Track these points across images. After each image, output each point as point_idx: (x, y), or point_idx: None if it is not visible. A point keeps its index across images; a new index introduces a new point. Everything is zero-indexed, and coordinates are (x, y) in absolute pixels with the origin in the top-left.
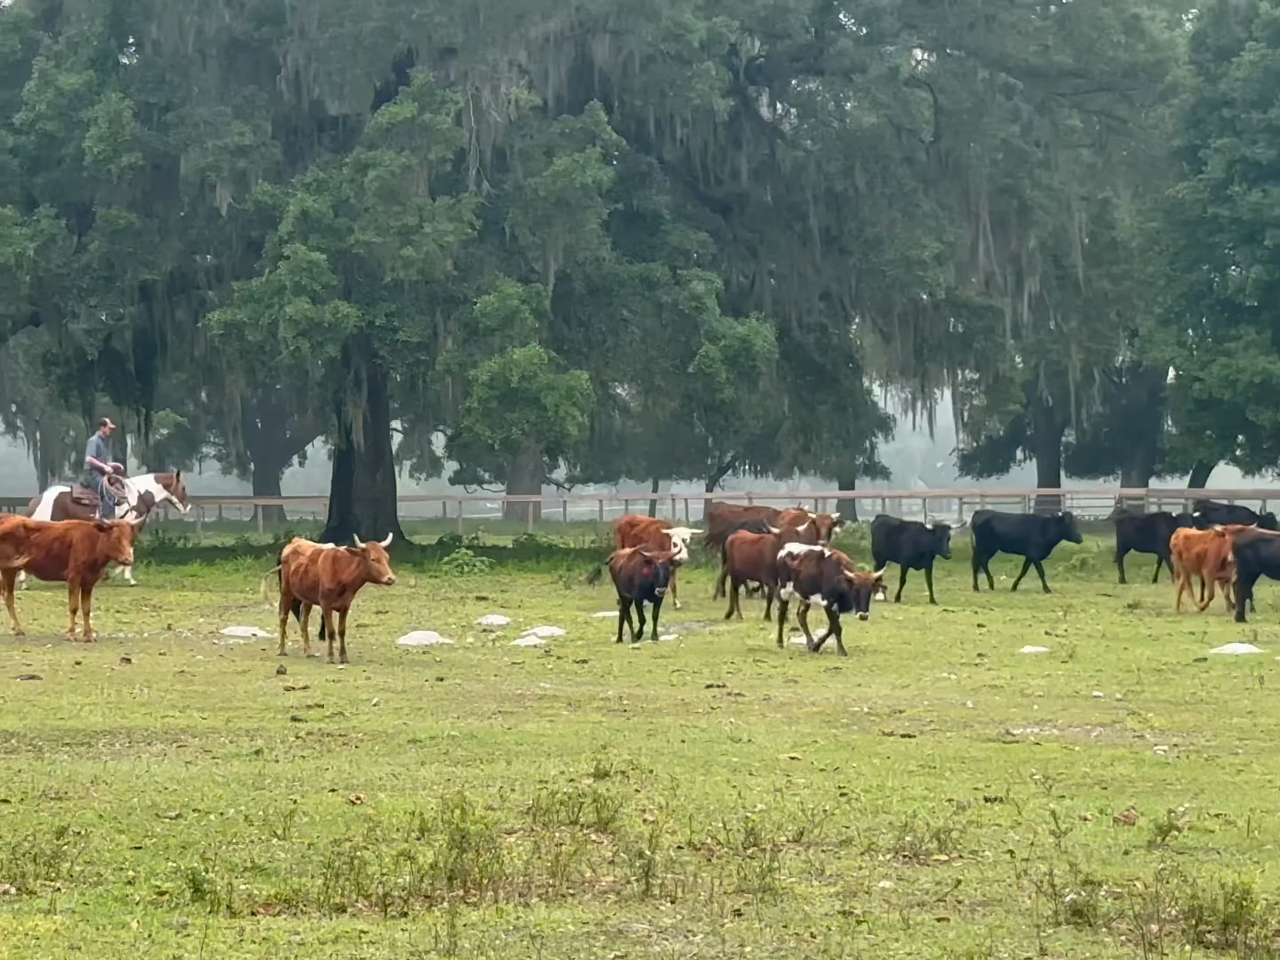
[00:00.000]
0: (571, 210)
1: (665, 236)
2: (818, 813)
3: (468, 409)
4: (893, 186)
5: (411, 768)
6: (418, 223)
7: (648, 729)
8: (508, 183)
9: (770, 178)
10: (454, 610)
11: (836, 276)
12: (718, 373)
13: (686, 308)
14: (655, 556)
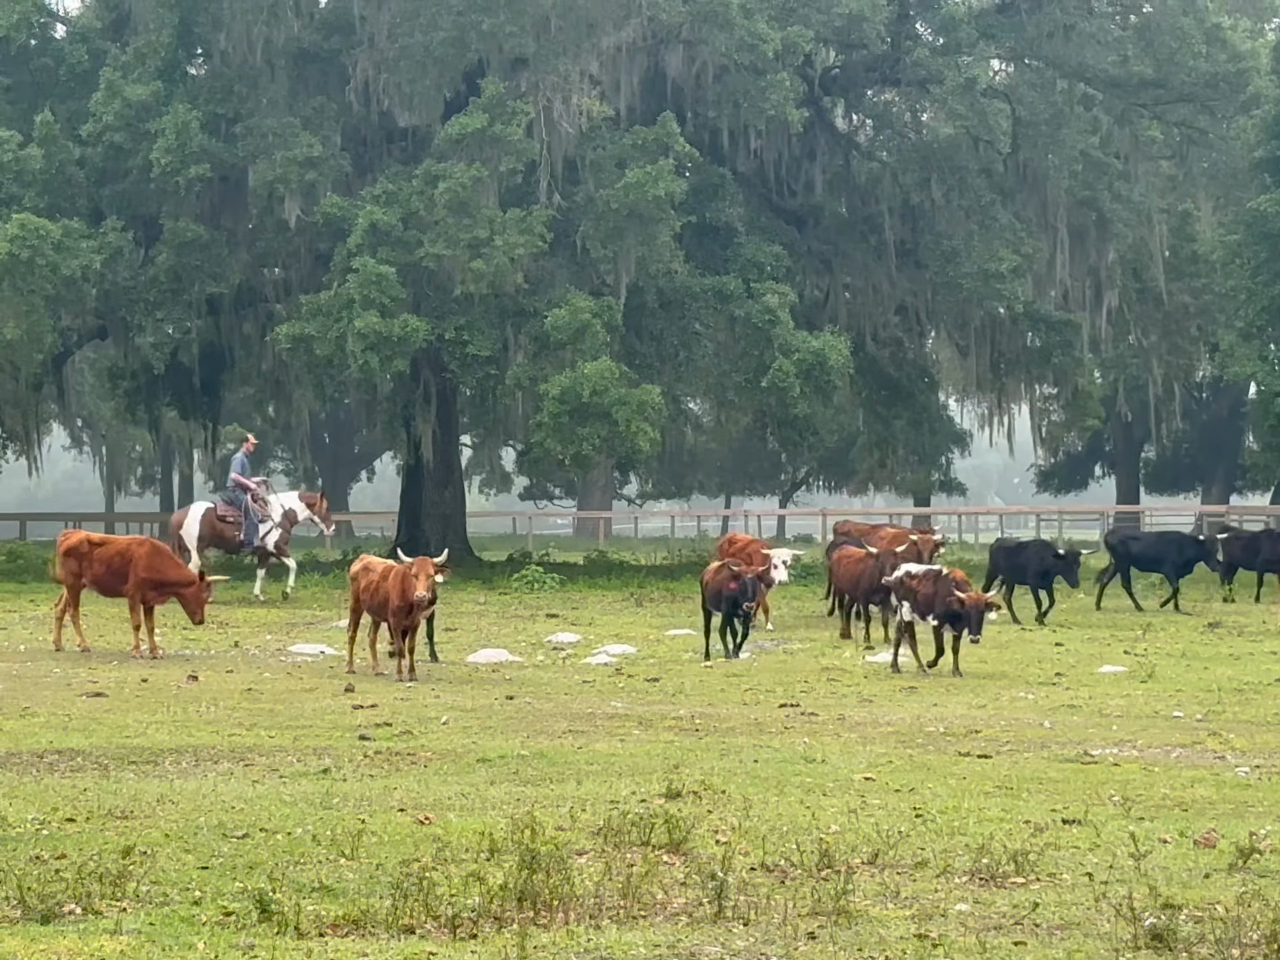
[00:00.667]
0: (643, 222)
1: (738, 249)
2: (893, 834)
3: (538, 424)
4: (969, 198)
5: (481, 787)
6: (488, 235)
7: (720, 749)
8: (579, 195)
9: (845, 190)
10: (524, 628)
11: (912, 290)
12: (791, 387)
13: (760, 321)
14: (742, 570)
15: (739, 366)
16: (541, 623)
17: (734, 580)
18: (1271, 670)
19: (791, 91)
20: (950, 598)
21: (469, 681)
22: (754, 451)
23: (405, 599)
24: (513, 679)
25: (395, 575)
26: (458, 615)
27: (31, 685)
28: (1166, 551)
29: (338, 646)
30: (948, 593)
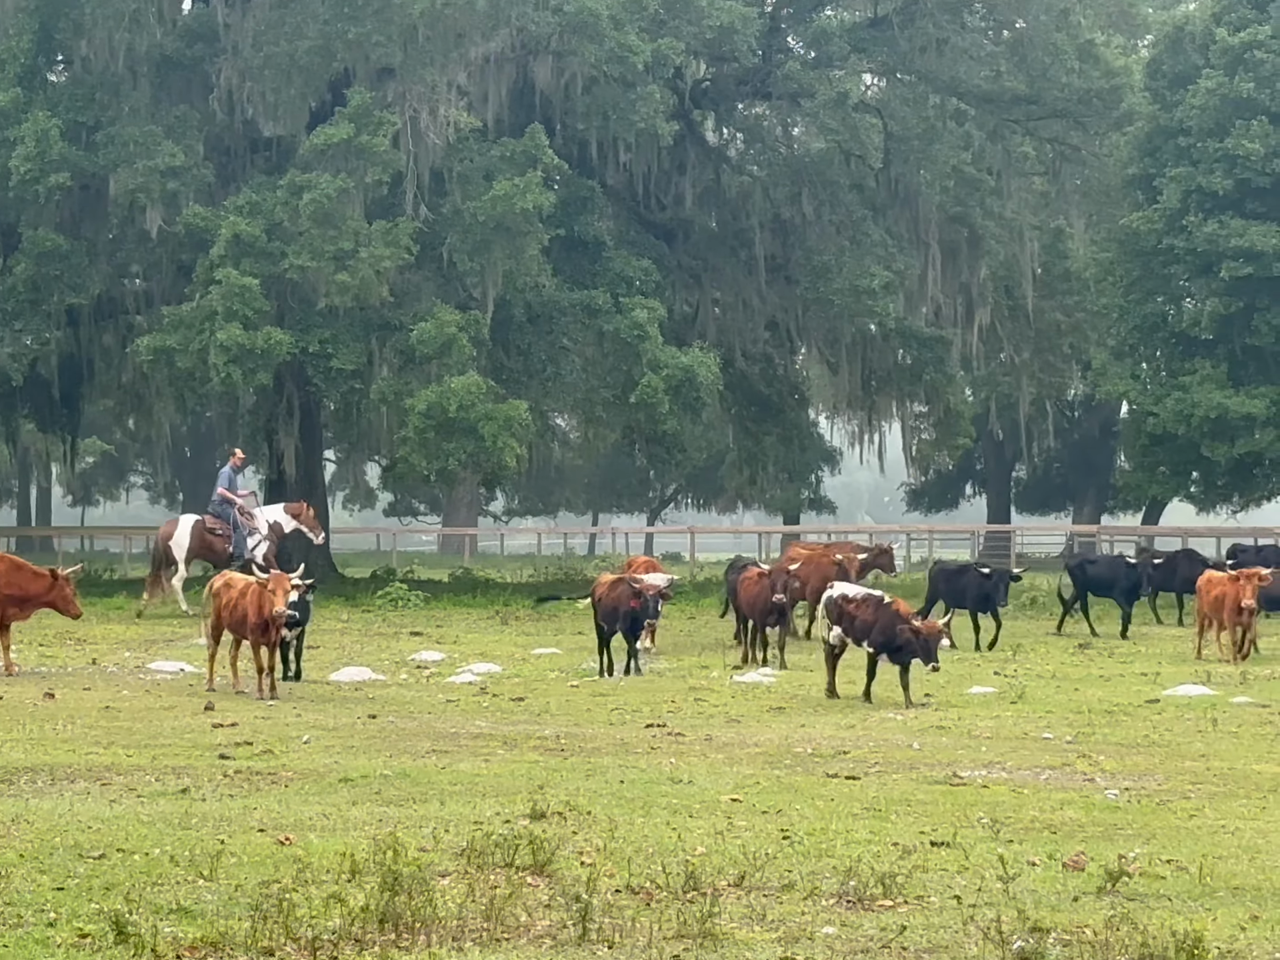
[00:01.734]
0: (511, 235)
1: (607, 263)
2: (759, 856)
3: (403, 439)
4: (841, 214)
5: (343, 808)
6: (353, 247)
7: (586, 769)
8: (446, 207)
9: (715, 204)
10: (387, 646)
11: (783, 305)
12: (660, 403)
13: (628, 336)
14: (645, 588)
15: (607, 382)
16: (405, 641)
17: (635, 598)
18: (1142, 692)
19: (661, 104)
20: (900, 628)
21: (331, 700)
22: (622, 468)
23: (262, 615)
24: (376, 698)
25: (254, 592)
26: (320, 633)
27: None
28: (1118, 576)
29: (198, 664)
30: (891, 624)
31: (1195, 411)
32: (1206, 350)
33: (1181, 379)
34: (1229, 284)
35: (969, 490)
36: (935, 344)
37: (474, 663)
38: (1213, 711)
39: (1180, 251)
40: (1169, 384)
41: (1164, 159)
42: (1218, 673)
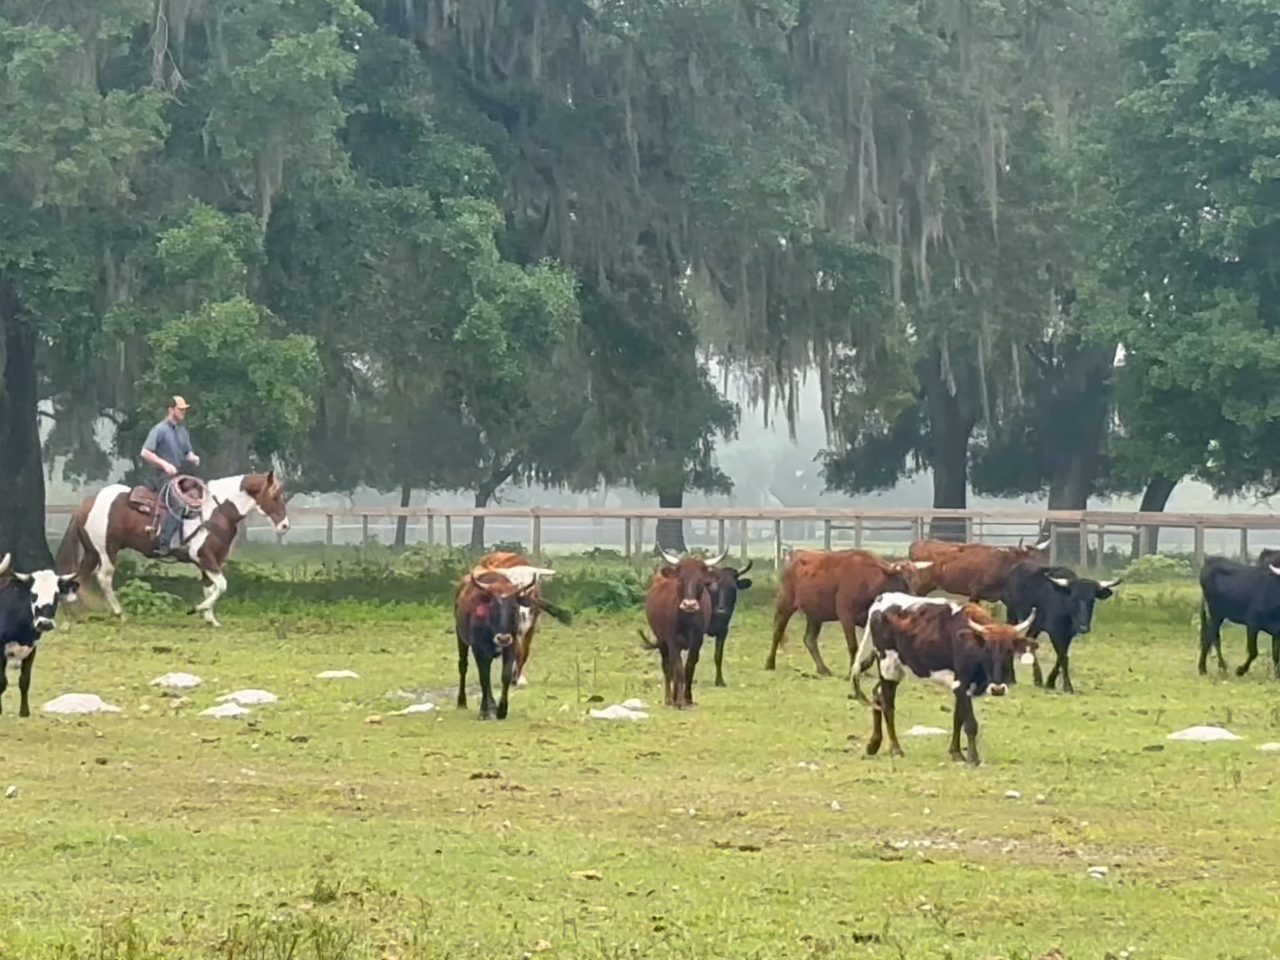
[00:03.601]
0: (295, 112)
1: (425, 151)
2: (624, 953)
3: (147, 386)
4: (741, 88)
5: (60, 884)
6: (81, 126)
7: (390, 835)
8: (207, 73)
9: (572, 73)
10: (123, 665)
11: (662, 211)
12: (495, 340)
13: (453, 250)
14: (496, 588)
15: (423, 312)
16: (148, 659)
17: (484, 602)
18: (1139, 736)
19: None
20: (960, 632)
21: (45, 739)
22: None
23: None
24: (107, 735)
25: None
26: None
27: None
28: (1263, 592)
29: None
30: (967, 637)
31: (1215, 359)
32: (1230, 277)
33: (1197, 315)
34: (1261, 188)
35: (910, 463)
36: (867, 265)
37: (240, 689)
38: (1234, 762)
39: (1197, 143)
40: (1180, 322)
41: (1176, 18)
42: (1240, 710)
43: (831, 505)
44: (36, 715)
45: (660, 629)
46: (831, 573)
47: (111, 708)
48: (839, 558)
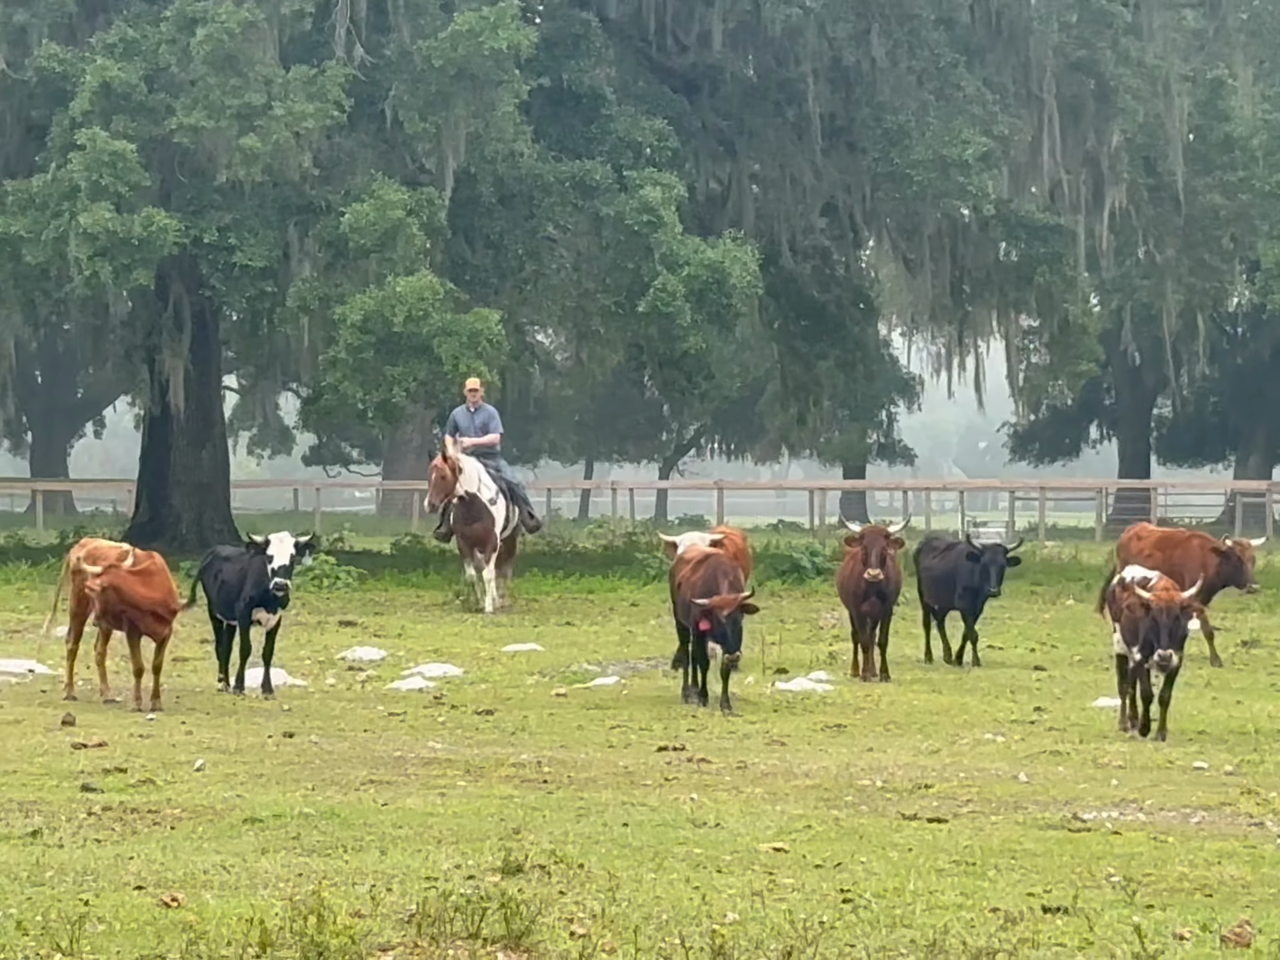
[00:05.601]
0: (477, 86)
1: (607, 124)
2: (811, 926)
3: (331, 360)
4: (924, 58)
5: (249, 858)
6: (264, 102)
7: (577, 808)
8: (390, 47)
9: (754, 44)
10: (309, 640)
11: (844, 183)
12: (678, 313)
13: (636, 223)
14: (717, 603)
15: (607, 285)
16: (333, 633)
17: (704, 618)
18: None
19: None
20: (1131, 601)
21: (233, 713)
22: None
23: (149, 599)
24: (294, 709)
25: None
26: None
27: None
28: None
29: (53, 663)
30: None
31: None
32: None
33: None
34: None
35: (1094, 433)
36: (1051, 235)
37: (425, 663)
38: None
39: None
40: None
41: None
42: None
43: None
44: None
45: (847, 600)
46: (1169, 555)
47: (298, 682)
48: (1176, 538)
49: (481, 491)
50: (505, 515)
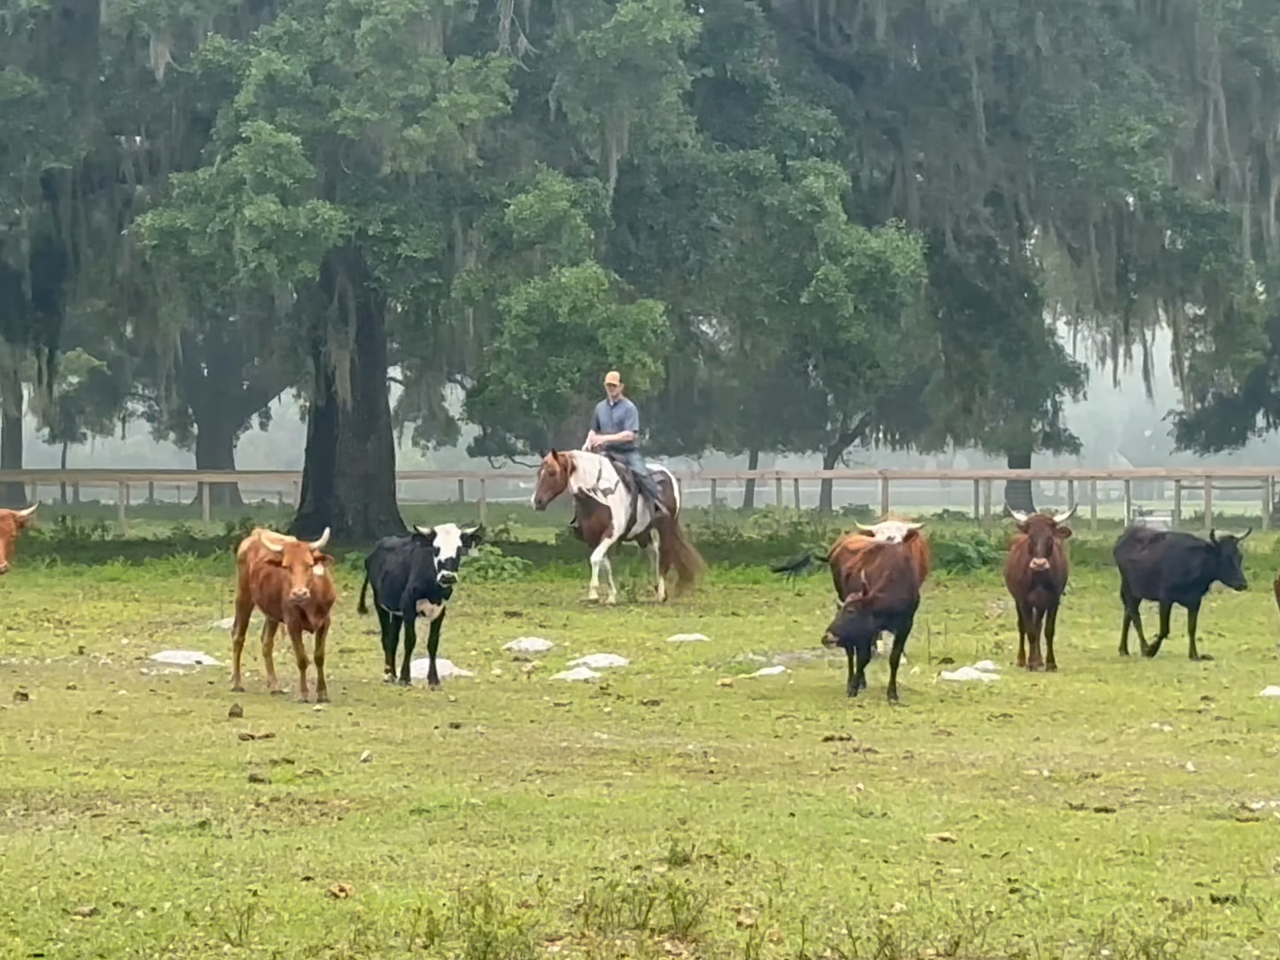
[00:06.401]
0: (641, 77)
1: (771, 114)
2: (978, 916)
3: (496, 352)
4: (1088, 47)
5: (416, 848)
6: (429, 93)
7: (743, 798)
8: (553, 38)
9: (918, 33)
10: (475, 630)
11: (1008, 171)
12: (842, 303)
13: (800, 213)
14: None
15: (770, 275)
16: (499, 624)
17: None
18: None
19: None
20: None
21: (399, 704)
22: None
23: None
24: (460, 700)
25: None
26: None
27: None
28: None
29: (220, 654)
30: None
31: None
32: None
33: None
34: None
35: (1261, 421)
36: (1217, 223)
37: (591, 653)
38: None
39: None
40: None
41: None
42: None
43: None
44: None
45: (1014, 589)
46: None
47: (464, 672)
48: None
49: (599, 484)
50: (628, 507)
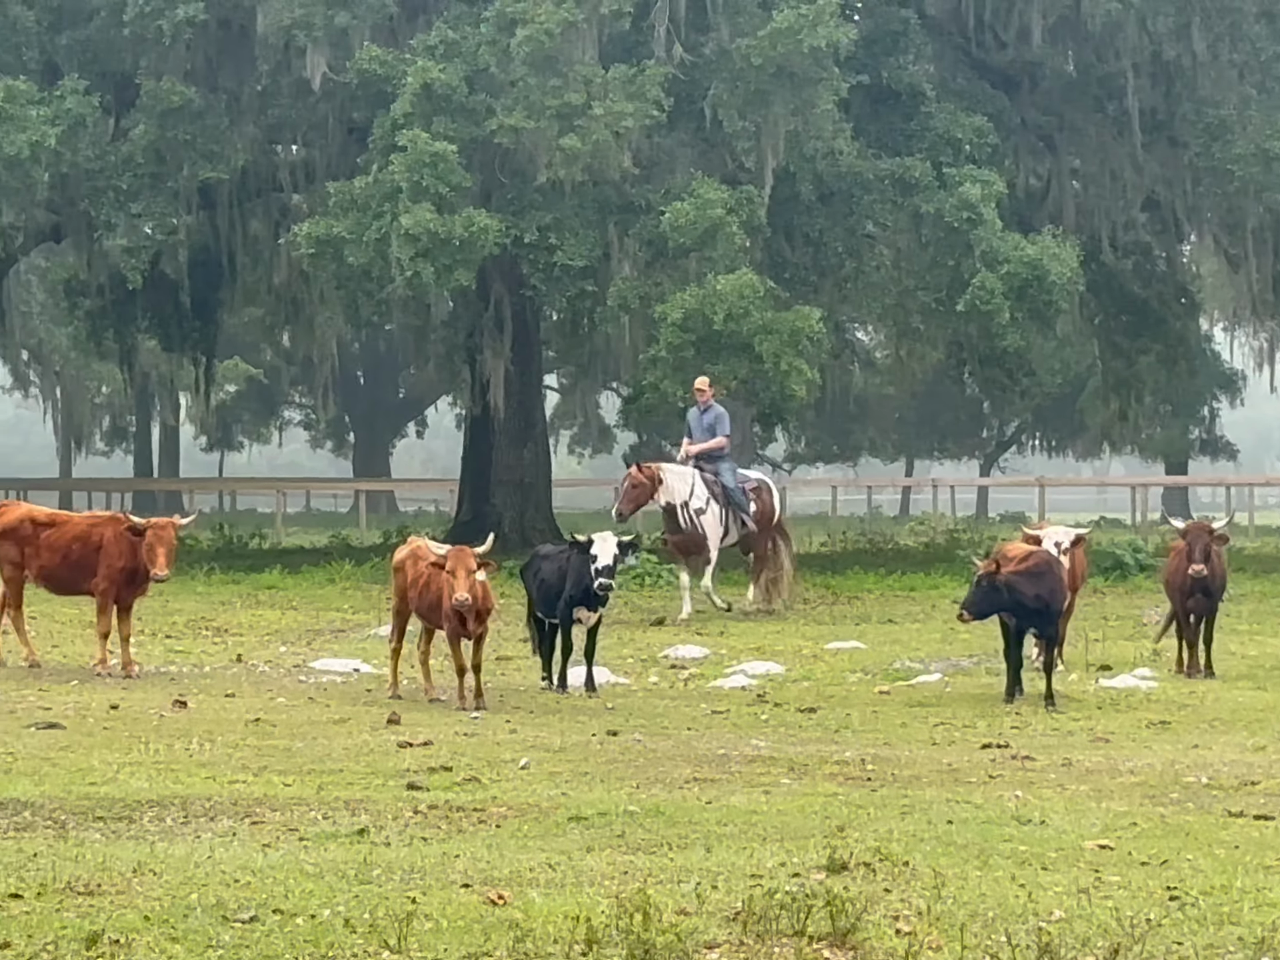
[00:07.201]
0: (797, 84)
1: (927, 121)
2: (1138, 923)
3: (652, 359)
4: (1245, 51)
5: (574, 855)
6: (584, 101)
7: (901, 805)
8: (708, 46)
9: (1073, 39)
10: (630, 638)
11: (1165, 177)
12: (999, 310)
13: (956, 220)
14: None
15: (926, 282)
16: (655, 631)
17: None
18: None
19: None
20: None
21: (556, 711)
22: (946, 399)
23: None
24: (617, 708)
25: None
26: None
27: None
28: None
29: (377, 662)
30: None
31: None
32: None
33: None
34: None
35: None
36: None
37: (747, 660)
38: None
39: None
40: None
41: None
42: None
43: None
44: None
45: (1172, 596)
46: None
47: (621, 680)
48: None
49: (691, 501)
50: (721, 524)
